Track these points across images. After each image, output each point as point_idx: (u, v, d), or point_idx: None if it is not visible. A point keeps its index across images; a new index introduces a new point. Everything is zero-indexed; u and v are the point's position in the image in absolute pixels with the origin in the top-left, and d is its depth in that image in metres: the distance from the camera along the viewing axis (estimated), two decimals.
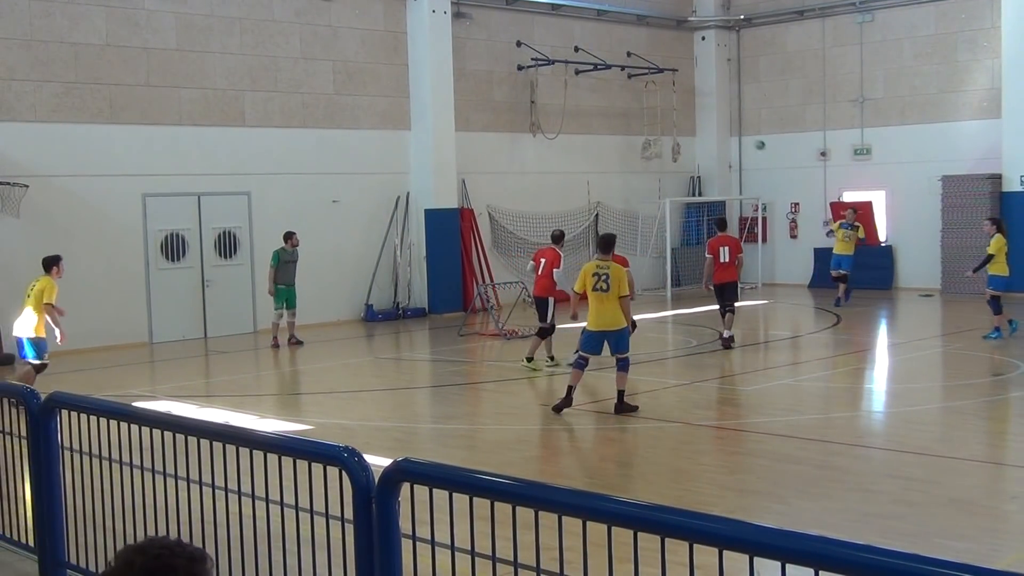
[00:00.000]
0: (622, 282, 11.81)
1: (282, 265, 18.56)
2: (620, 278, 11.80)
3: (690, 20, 28.06)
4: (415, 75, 22.62)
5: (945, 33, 24.82)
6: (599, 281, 11.80)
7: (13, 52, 17.80)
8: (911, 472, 9.44)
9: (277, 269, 18.53)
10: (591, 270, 11.95)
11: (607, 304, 11.83)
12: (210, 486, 5.56)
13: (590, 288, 11.89)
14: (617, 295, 11.81)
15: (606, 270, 11.84)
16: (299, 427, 11.76)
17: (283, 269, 18.56)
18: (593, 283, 11.85)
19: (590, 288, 11.89)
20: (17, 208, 17.54)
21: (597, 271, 11.87)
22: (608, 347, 12.06)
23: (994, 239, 17.20)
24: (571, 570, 3.91)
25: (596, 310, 11.92)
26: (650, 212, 26.62)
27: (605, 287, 11.76)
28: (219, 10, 20.09)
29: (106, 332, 18.60)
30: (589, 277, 11.89)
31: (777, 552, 3.19)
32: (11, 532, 7.16)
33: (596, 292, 11.84)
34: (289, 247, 18.67)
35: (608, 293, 11.79)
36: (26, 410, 6.56)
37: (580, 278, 12.02)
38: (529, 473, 8.98)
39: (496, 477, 4.25)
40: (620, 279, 11.80)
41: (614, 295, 11.79)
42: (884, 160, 25.83)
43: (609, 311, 11.85)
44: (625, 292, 11.83)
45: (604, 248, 12.29)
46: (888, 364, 16.45)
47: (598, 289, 11.82)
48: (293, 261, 18.71)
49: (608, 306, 11.84)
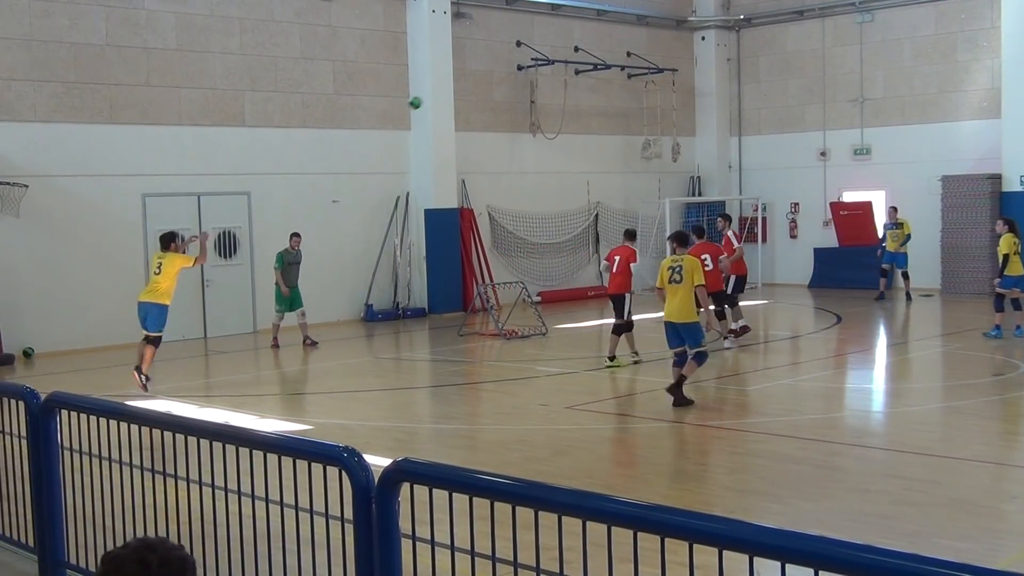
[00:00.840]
0: (696, 271, 12.26)
1: (286, 267, 18.40)
2: (692, 269, 12.26)
3: (690, 20, 28.06)
4: (415, 75, 22.62)
5: (945, 33, 24.82)
6: (673, 274, 12.28)
7: (13, 52, 17.80)
8: (911, 472, 9.44)
9: (283, 271, 18.35)
10: (667, 264, 12.46)
11: (678, 296, 12.27)
12: (210, 486, 5.56)
13: (666, 281, 12.36)
14: (691, 286, 12.20)
15: (680, 262, 12.32)
16: (299, 427, 11.76)
17: (288, 271, 18.40)
18: (668, 276, 12.32)
19: (666, 281, 12.36)
20: (17, 208, 17.54)
21: (672, 264, 12.36)
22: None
23: (1002, 239, 17.25)
24: (571, 570, 3.91)
25: (669, 302, 12.39)
26: (650, 212, 26.62)
27: (679, 279, 12.23)
28: (219, 10, 20.09)
29: (106, 332, 18.59)
30: (665, 271, 12.40)
31: (777, 552, 3.19)
32: (11, 532, 7.16)
33: (671, 285, 12.31)
34: (292, 248, 18.53)
35: (681, 284, 12.22)
36: (26, 410, 6.56)
37: (659, 274, 12.51)
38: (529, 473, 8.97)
39: (496, 477, 4.25)
40: (692, 270, 12.24)
41: (687, 286, 12.20)
42: (884, 160, 25.83)
43: (678, 303, 12.27)
44: (700, 281, 12.27)
45: (681, 243, 12.82)
46: (888, 364, 16.45)
47: (672, 281, 12.30)
48: (297, 263, 18.56)
49: (679, 298, 12.26)
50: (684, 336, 12.35)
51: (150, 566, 2.50)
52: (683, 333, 12.33)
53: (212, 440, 5.51)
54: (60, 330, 18.14)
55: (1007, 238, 17.15)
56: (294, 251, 18.57)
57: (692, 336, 12.32)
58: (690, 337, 12.31)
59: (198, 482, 5.63)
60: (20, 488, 6.95)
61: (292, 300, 18.39)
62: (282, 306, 18.40)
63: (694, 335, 12.33)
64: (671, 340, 12.50)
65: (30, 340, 17.84)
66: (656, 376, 14.86)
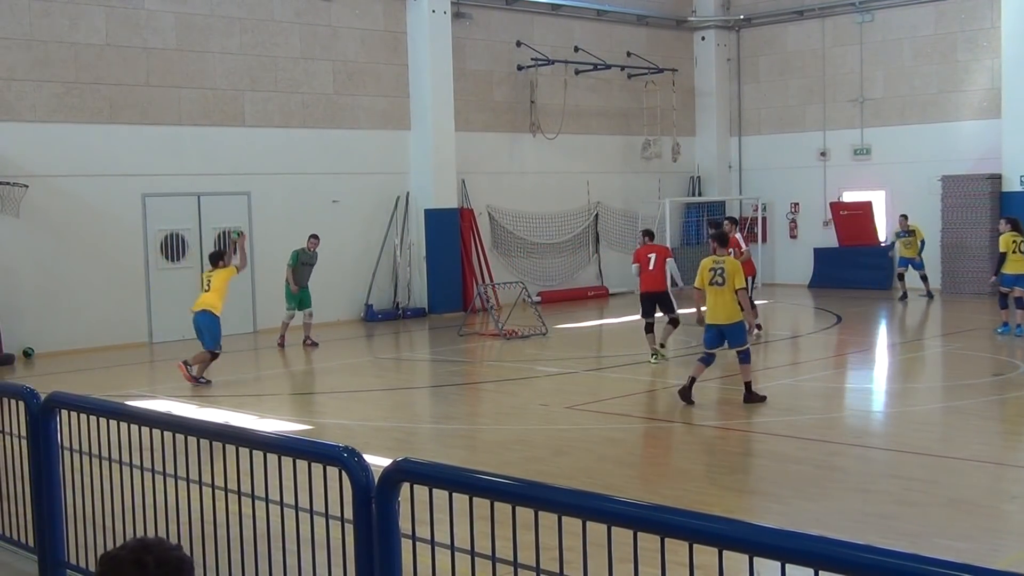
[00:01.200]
0: (737, 275, 12.25)
1: (300, 266, 18.35)
2: (733, 272, 12.23)
3: (690, 20, 28.06)
4: (415, 75, 22.62)
5: (945, 33, 24.82)
6: (715, 275, 12.24)
7: (13, 52, 17.80)
8: (911, 472, 9.44)
9: (295, 269, 18.33)
10: (708, 265, 12.37)
11: (722, 298, 12.24)
12: (210, 486, 5.56)
13: (707, 283, 12.31)
14: (732, 288, 12.20)
15: (721, 264, 12.27)
16: (299, 427, 11.76)
17: (300, 270, 18.35)
18: (709, 278, 12.28)
19: (707, 283, 12.31)
20: (17, 208, 17.55)
21: (713, 266, 12.31)
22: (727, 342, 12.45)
23: (1002, 237, 17.53)
24: (571, 570, 3.91)
25: (711, 304, 12.34)
26: (650, 212, 26.60)
27: (720, 281, 12.19)
28: (219, 10, 20.09)
29: (106, 332, 18.61)
30: (705, 272, 12.33)
31: (777, 552, 3.19)
32: (11, 532, 7.16)
33: (712, 286, 12.28)
34: (308, 249, 18.47)
35: (723, 287, 12.20)
36: (26, 410, 6.56)
37: (699, 274, 12.44)
38: (529, 473, 8.97)
39: (496, 477, 4.25)
40: (733, 273, 12.22)
41: (729, 288, 12.19)
42: (884, 160, 25.83)
43: (723, 305, 12.25)
44: (741, 285, 12.27)
45: (722, 243, 12.77)
46: (888, 364, 16.45)
47: (714, 283, 12.26)
48: (311, 264, 18.52)
49: (722, 300, 12.24)
50: (728, 337, 12.35)
51: (146, 567, 2.50)
52: (727, 333, 12.34)
53: (212, 440, 5.51)
54: (60, 330, 18.14)
55: (1007, 236, 17.36)
56: (310, 252, 18.52)
57: (737, 336, 12.35)
58: (735, 338, 12.35)
59: (198, 482, 5.63)
60: (20, 488, 6.95)
61: (301, 299, 18.36)
62: (292, 304, 18.37)
63: (739, 335, 12.35)
64: (711, 341, 12.46)
65: (30, 340, 17.84)
66: (656, 376, 14.86)
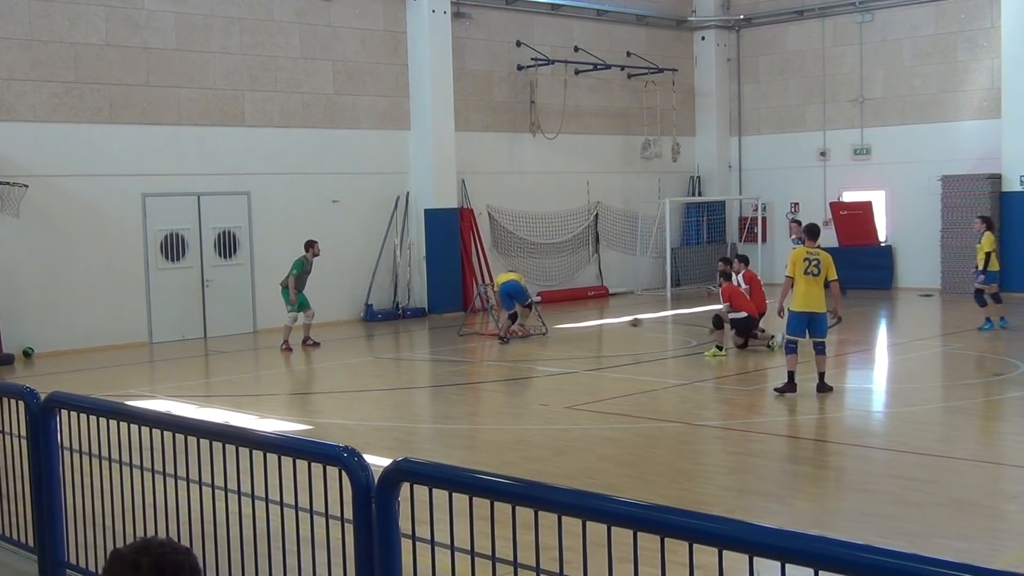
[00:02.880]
0: (831, 268, 12.82)
1: (302, 274, 18.21)
2: (829, 264, 12.82)
3: (690, 20, 28.06)
4: (415, 75, 22.62)
5: (945, 33, 24.83)
6: (810, 266, 12.75)
7: (13, 52, 17.80)
8: (911, 472, 9.43)
9: (298, 277, 18.15)
10: (802, 255, 12.90)
11: (815, 288, 12.79)
12: (210, 486, 5.56)
13: (800, 272, 12.80)
14: (824, 280, 12.78)
15: (816, 256, 12.83)
16: (299, 427, 11.76)
17: (301, 278, 18.19)
18: (804, 267, 12.78)
19: (800, 272, 12.80)
20: (17, 208, 17.55)
21: (808, 256, 12.84)
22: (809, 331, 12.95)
23: (985, 236, 17.63)
24: (571, 570, 3.91)
25: (804, 292, 12.82)
26: (650, 212, 26.63)
27: (816, 271, 12.74)
28: (219, 10, 20.09)
29: (106, 332, 18.61)
30: (800, 262, 12.84)
31: (777, 552, 3.19)
32: (11, 532, 7.16)
33: (807, 276, 12.76)
34: (311, 256, 18.31)
35: (818, 277, 12.75)
36: (26, 410, 6.56)
37: (790, 264, 12.96)
38: (529, 473, 8.97)
39: (496, 477, 4.25)
40: (829, 265, 12.81)
41: (822, 280, 12.79)
42: (884, 160, 25.84)
43: (815, 294, 12.80)
44: (834, 277, 12.85)
45: (812, 235, 13.30)
46: (888, 364, 16.46)
47: (809, 273, 12.74)
48: (310, 271, 18.43)
49: (815, 290, 12.79)
50: (812, 326, 12.85)
51: (140, 569, 2.50)
52: (813, 322, 12.85)
53: (212, 440, 5.51)
54: (60, 330, 18.14)
55: (990, 236, 17.60)
56: (312, 259, 18.33)
57: (821, 326, 12.88)
58: (819, 327, 12.87)
59: (198, 482, 5.63)
60: (20, 488, 6.95)
61: (301, 302, 18.16)
62: (293, 309, 18.18)
63: (823, 325, 12.92)
64: (797, 328, 12.89)
65: (30, 340, 17.84)
66: (656, 376, 14.86)
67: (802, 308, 12.78)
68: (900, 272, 25.59)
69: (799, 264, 12.78)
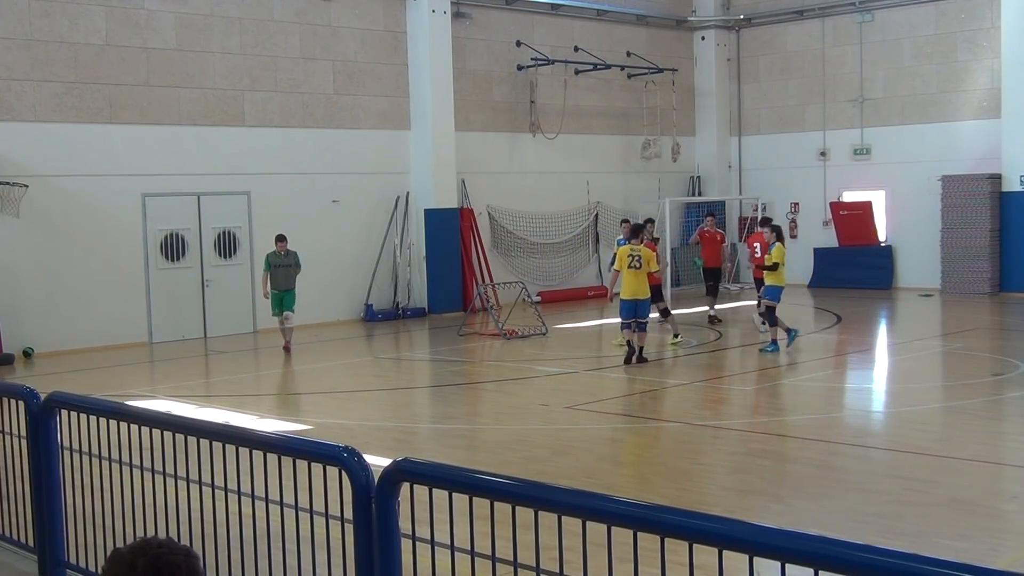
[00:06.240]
0: (651, 261, 15.12)
1: (273, 269, 17.68)
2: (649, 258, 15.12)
3: (690, 20, 28.06)
4: (415, 75, 22.62)
5: (945, 33, 24.83)
6: (633, 260, 14.94)
7: (13, 52, 17.80)
8: (911, 472, 9.43)
9: (269, 273, 17.70)
10: (627, 252, 15.08)
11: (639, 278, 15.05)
12: (210, 486, 5.56)
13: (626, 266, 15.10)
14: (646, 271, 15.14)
15: (639, 252, 15.02)
16: (299, 427, 11.76)
17: (275, 273, 17.67)
18: (628, 262, 15.02)
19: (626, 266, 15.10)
20: (17, 208, 17.55)
21: (631, 252, 15.02)
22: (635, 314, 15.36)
23: (775, 248, 16.03)
24: (571, 570, 3.91)
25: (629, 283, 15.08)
26: (650, 212, 26.59)
27: (638, 265, 14.89)
28: (219, 10, 20.09)
29: (106, 332, 18.61)
30: (625, 258, 15.05)
31: (777, 552, 3.19)
32: (11, 532, 7.16)
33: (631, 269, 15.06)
34: (279, 252, 17.71)
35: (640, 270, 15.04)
36: (26, 410, 6.56)
37: (617, 260, 15.27)
38: (529, 473, 8.97)
39: (496, 477, 4.25)
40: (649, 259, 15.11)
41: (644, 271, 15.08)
42: (884, 160, 25.84)
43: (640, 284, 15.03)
44: (654, 269, 15.29)
45: (635, 235, 15.39)
46: (888, 364, 16.45)
47: (632, 267, 15.02)
48: (286, 265, 17.72)
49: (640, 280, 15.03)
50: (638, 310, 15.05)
51: (136, 569, 2.49)
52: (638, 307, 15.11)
53: (212, 440, 5.51)
54: (60, 330, 18.14)
55: (781, 247, 16.08)
56: (280, 254, 17.70)
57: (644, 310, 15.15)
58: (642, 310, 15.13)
59: (198, 482, 5.63)
60: (20, 488, 6.95)
61: (282, 300, 17.61)
62: (276, 309, 17.73)
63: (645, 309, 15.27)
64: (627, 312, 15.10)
65: (30, 340, 17.84)
66: (656, 376, 14.86)
67: (630, 296, 14.98)
68: (900, 272, 25.59)
69: (624, 260, 15.03)
